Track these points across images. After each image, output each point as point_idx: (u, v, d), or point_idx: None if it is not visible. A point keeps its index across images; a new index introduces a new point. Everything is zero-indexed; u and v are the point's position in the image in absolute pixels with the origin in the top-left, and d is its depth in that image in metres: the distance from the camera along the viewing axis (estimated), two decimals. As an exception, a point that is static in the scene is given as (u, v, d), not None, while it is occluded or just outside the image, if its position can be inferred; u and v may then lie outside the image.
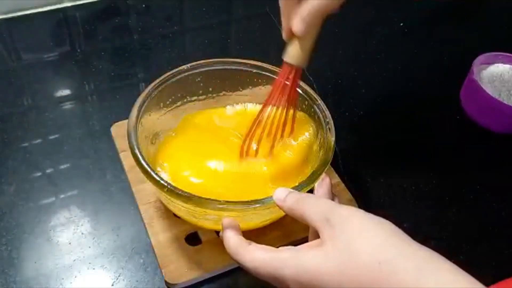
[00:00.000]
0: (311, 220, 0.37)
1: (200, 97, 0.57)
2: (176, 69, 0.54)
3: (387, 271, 0.31)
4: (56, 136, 0.61)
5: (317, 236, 0.36)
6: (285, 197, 0.40)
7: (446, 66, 0.76)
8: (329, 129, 0.51)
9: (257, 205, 0.44)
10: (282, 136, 0.52)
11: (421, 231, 0.53)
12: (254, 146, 0.52)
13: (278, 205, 0.41)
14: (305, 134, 0.54)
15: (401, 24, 0.83)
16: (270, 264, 0.36)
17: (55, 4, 0.77)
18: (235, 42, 0.77)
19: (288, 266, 0.35)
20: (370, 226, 0.34)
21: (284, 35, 0.46)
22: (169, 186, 0.44)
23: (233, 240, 0.40)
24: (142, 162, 0.46)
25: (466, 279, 0.31)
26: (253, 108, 0.58)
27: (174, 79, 0.53)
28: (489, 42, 0.78)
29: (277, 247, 0.38)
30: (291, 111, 0.51)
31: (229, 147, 0.53)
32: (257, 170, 0.52)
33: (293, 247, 0.37)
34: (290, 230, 0.51)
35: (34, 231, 0.51)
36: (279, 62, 0.51)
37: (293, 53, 0.46)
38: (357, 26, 0.82)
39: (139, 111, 0.50)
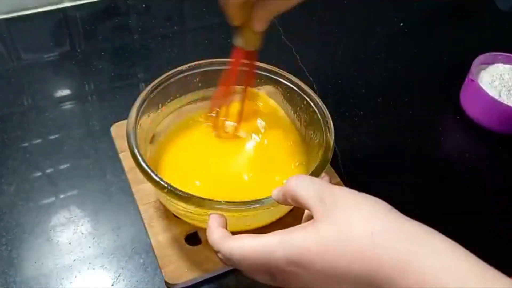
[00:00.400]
0: (303, 200, 0.36)
1: (199, 98, 0.57)
2: (175, 70, 0.54)
3: (380, 240, 0.31)
4: (56, 136, 0.61)
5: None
6: (280, 188, 0.40)
7: (446, 66, 0.76)
8: (329, 129, 0.51)
9: (257, 205, 0.44)
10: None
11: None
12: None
13: (274, 198, 0.40)
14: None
15: (401, 24, 0.83)
16: (260, 251, 0.35)
17: (55, 4, 0.77)
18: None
19: (281, 248, 0.34)
20: (364, 203, 0.34)
21: (235, 22, 0.46)
22: (168, 187, 0.44)
23: (216, 232, 0.39)
24: (142, 163, 0.46)
25: (462, 251, 0.31)
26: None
27: (172, 80, 0.53)
28: (489, 42, 0.78)
29: None
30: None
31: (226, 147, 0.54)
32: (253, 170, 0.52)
33: (282, 230, 0.35)
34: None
35: (34, 231, 0.51)
36: (278, 62, 0.52)
37: (250, 40, 0.47)
38: (357, 26, 0.82)
39: (138, 112, 0.50)
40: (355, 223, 0.33)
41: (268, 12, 0.44)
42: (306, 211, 0.40)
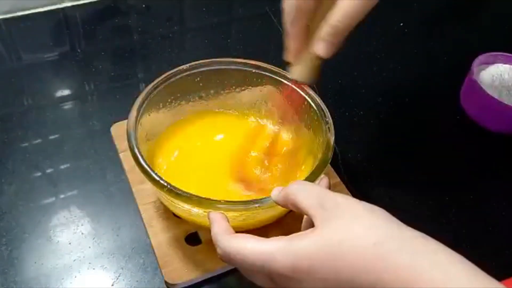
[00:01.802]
0: (304, 206, 0.36)
1: (200, 98, 0.57)
2: (175, 69, 0.54)
3: (382, 250, 0.31)
4: (56, 136, 0.61)
5: (310, 226, 0.36)
6: (280, 191, 0.40)
7: (446, 66, 0.76)
8: (329, 128, 0.50)
9: (257, 205, 0.44)
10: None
11: (421, 231, 0.53)
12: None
13: (273, 200, 0.41)
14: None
15: (401, 24, 0.83)
16: (261, 253, 0.35)
17: (55, 4, 0.77)
18: (235, 42, 0.77)
19: (283, 254, 0.34)
20: (364, 211, 0.34)
21: (290, 57, 0.46)
22: (168, 186, 0.44)
23: (219, 224, 0.39)
24: (142, 162, 0.46)
25: (463, 261, 0.31)
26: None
27: (173, 79, 0.53)
28: (489, 42, 0.78)
29: None
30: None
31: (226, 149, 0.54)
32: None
33: (284, 236, 0.36)
34: (290, 230, 0.51)
35: (34, 231, 0.51)
36: (279, 62, 0.52)
37: (306, 72, 0.46)
38: (357, 26, 0.82)
39: (138, 111, 0.50)
40: (356, 232, 0.33)
41: (336, 29, 0.43)
42: (305, 216, 0.40)
